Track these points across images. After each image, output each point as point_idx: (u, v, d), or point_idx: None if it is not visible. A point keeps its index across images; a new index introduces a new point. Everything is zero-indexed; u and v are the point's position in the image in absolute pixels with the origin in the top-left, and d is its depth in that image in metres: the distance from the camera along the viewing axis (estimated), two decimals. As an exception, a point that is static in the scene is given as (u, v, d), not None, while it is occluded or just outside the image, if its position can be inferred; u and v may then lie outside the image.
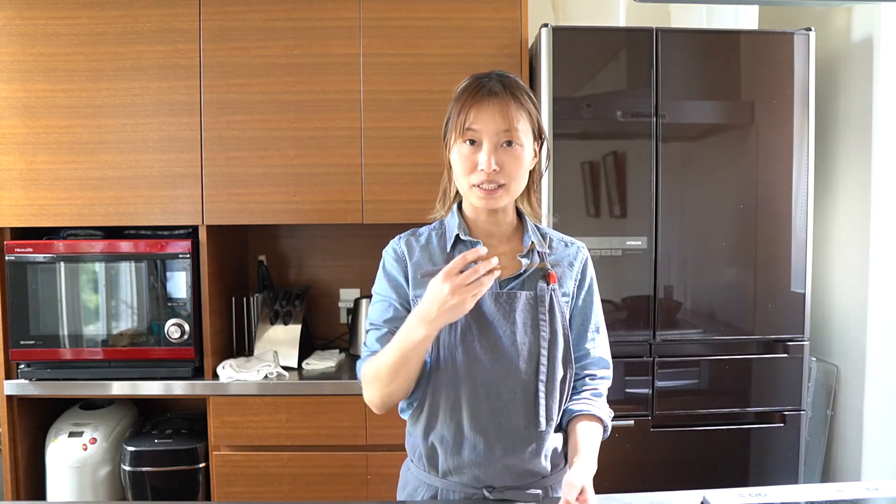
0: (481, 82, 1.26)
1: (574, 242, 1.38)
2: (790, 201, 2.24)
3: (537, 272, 1.29)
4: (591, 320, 1.35)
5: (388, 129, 2.28)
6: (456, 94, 1.28)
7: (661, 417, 2.24)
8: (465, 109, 1.24)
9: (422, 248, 1.32)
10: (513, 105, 1.23)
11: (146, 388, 2.26)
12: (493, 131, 1.22)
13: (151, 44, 2.23)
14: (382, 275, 1.33)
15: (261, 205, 2.29)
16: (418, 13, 2.27)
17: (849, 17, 2.38)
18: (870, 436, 2.29)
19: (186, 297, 2.26)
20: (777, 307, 2.26)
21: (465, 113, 1.23)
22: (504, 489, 1.25)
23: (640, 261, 2.21)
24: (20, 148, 2.25)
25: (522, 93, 1.27)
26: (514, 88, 1.25)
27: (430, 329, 1.13)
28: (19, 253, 2.23)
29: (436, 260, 1.30)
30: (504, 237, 1.33)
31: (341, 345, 2.67)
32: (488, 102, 1.23)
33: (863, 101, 2.31)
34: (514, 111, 1.23)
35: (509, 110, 1.23)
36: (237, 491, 2.24)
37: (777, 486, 1.32)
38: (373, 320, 1.31)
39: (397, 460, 1.41)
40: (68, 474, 2.24)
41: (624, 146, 2.22)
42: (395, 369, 1.20)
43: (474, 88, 1.25)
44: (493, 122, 1.22)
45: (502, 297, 1.26)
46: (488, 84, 1.25)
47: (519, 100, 1.25)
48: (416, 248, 1.32)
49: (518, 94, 1.25)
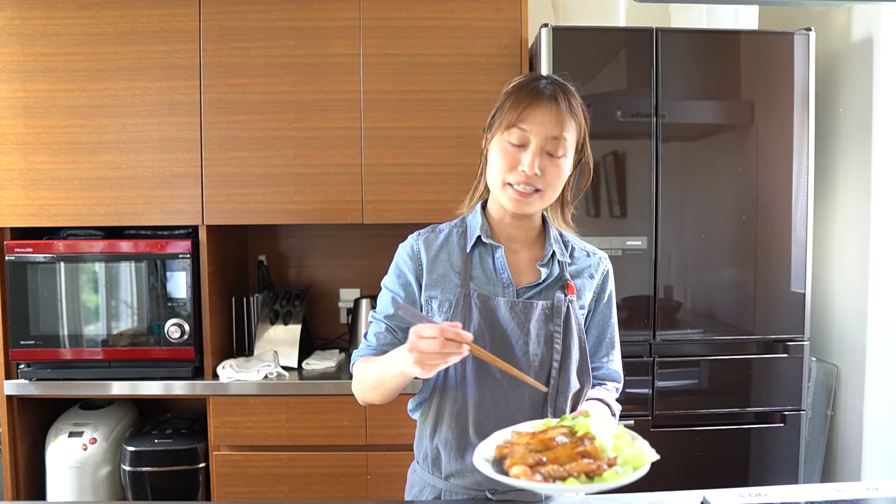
0: (540, 82, 1.23)
1: (596, 253, 1.36)
2: (790, 201, 2.24)
3: (555, 281, 1.28)
4: (607, 334, 1.35)
5: (388, 129, 2.28)
6: (509, 88, 1.25)
7: (661, 417, 2.24)
8: (520, 106, 1.20)
9: (441, 245, 1.30)
10: (567, 113, 1.21)
11: (146, 388, 2.25)
12: (543, 135, 1.20)
13: (151, 44, 2.23)
14: (394, 269, 1.32)
15: (261, 205, 2.29)
16: (418, 13, 2.27)
17: (849, 17, 2.38)
18: (870, 436, 2.29)
19: (186, 297, 2.26)
20: (777, 307, 2.26)
21: (519, 110, 1.20)
22: (507, 491, 1.25)
23: (640, 261, 2.21)
24: (20, 148, 2.25)
25: (578, 102, 1.24)
26: (570, 96, 1.23)
27: (405, 372, 1.12)
28: (19, 253, 2.23)
29: (454, 260, 1.28)
30: (526, 242, 1.31)
31: (341, 345, 2.67)
32: (545, 105, 1.20)
33: (863, 101, 2.31)
34: (568, 120, 1.21)
35: (562, 117, 1.20)
36: (237, 491, 2.24)
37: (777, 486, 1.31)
38: (375, 313, 1.32)
39: (397, 460, 1.41)
40: (68, 474, 2.24)
41: (624, 146, 2.22)
42: (374, 385, 1.23)
43: (532, 87, 1.22)
44: (544, 125, 1.20)
45: (518, 305, 1.24)
46: (549, 87, 1.22)
47: (573, 109, 1.23)
48: (434, 246, 1.30)
49: (574, 103, 1.23)
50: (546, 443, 1.02)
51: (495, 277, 1.27)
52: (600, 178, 2.21)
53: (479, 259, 1.28)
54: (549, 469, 0.97)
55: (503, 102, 1.25)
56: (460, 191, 1.41)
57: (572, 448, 1.00)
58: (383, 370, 1.18)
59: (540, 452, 1.00)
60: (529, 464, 0.98)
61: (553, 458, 0.99)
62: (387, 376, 1.18)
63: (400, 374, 1.14)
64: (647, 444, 1.03)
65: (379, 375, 1.20)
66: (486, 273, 1.27)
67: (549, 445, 1.02)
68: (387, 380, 1.18)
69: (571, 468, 0.96)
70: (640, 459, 0.99)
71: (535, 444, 1.02)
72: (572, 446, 1.00)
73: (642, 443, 1.03)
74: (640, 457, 1.00)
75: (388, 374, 1.17)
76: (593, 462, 0.97)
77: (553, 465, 0.97)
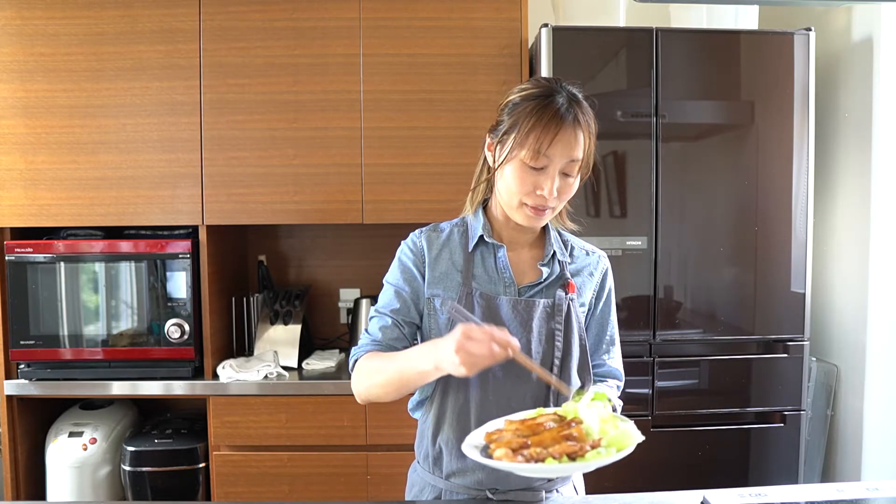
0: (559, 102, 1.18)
1: (595, 251, 1.37)
2: (790, 201, 2.24)
3: (556, 280, 1.29)
4: (606, 332, 1.35)
5: (388, 129, 2.28)
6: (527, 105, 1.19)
7: (661, 417, 2.24)
8: (544, 132, 1.16)
9: (443, 243, 1.30)
10: (583, 136, 1.20)
11: (146, 388, 2.25)
12: (564, 160, 1.19)
13: (151, 44, 2.23)
14: (397, 265, 1.32)
15: (261, 205, 2.29)
16: (418, 13, 2.27)
17: (849, 17, 2.38)
18: (870, 436, 2.29)
19: (186, 297, 2.26)
20: (777, 307, 2.26)
21: (542, 136, 1.16)
22: (507, 491, 1.25)
23: (640, 261, 2.21)
24: (20, 148, 2.25)
25: (592, 119, 1.23)
26: (588, 117, 1.21)
27: (435, 368, 1.10)
28: (19, 253, 2.23)
29: (456, 259, 1.28)
30: (527, 243, 1.32)
31: (341, 345, 2.67)
32: (566, 130, 1.17)
33: (863, 101, 2.31)
34: (584, 142, 1.20)
35: (580, 142, 1.19)
36: (237, 491, 2.24)
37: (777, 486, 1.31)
38: (379, 308, 1.30)
39: (397, 460, 1.41)
40: (68, 474, 2.24)
41: (624, 146, 2.22)
42: (390, 381, 1.19)
43: (555, 112, 1.17)
44: (566, 151, 1.18)
45: (520, 304, 1.25)
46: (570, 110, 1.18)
47: (590, 129, 1.22)
48: (437, 243, 1.30)
49: (590, 121, 1.22)
50: (534, 428, 1.04)
51: (497, 276, 1.28)
52: (600, 179, 2.21)
53: (480, 258, 1.29)
54: (532, 451, 0.98)
55: (521, 121, 1.19)
56: (460, 191, 1.41)
57: (558, 432, 1.01)
58: (407, 366, 1.15)
59: (527, 437, 1.02)
60: (514, 447, 0.99)
61: (538, 441, 1.00)
62: (411, 373, 1.15)
63: (433, 370, 1.11)
64: (633, 426, 1.04)
65: (399, 371, 1.17)
66: (487, 272, 1.28)
67: (537, 431, 1.03)
68: (411, 377, 1.15)
69: (554, 450, 0.98)
70: (625, 441, 1.00)
71: (523, 430, 1.04)
72: (558, 430, 1.01)
73: (628, 425, 1.03)
74: (625, 438, 1.01)
75: (414, 371, 1.14)
76: (576, 444, 0.98)
77: (536, 448, 0.99)
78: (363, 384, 1.24)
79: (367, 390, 1.24)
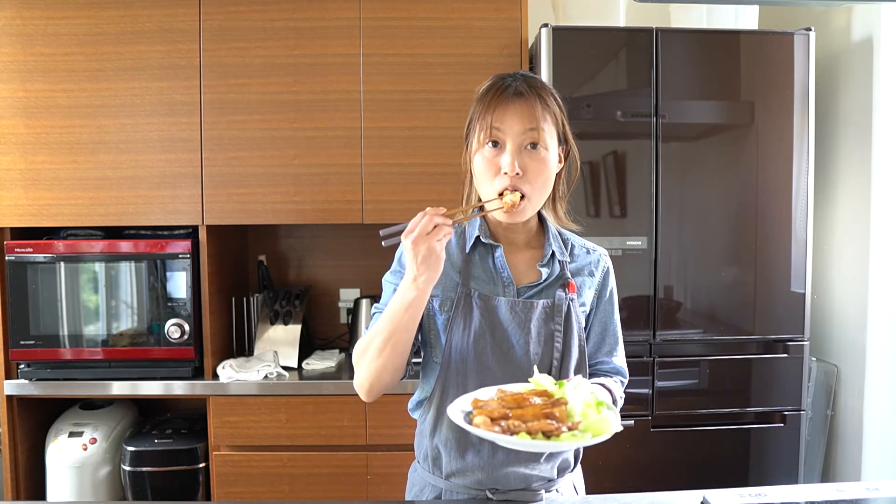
0: (505, 82, 1.22)
1: (596, 249, 1.36)
2: (790, 201, 2.24)
3: (556, 280, 1.28)
4: (609, 330, 1.35)
5: (388, 129, 2.28)
6: (478, 95, 1.25)
7: (661, 417, 2.24)
8: (489, 109, 1.20)
9: None
10: (539, 105, 1.20)
11: (146, 388, 2.25)
12: (518, 131, 1.19)
13: (151, 44, 2.23)
14: (397, 264, 1.32)
15: (261, 205, 2.29)
16: (418, 13, 2.27)
17: (849, 17, 2.39)
18: (870, 436, 2.29)
19: (186, 297, 2.26)
20: (777, 307, 2.26)
21: (489, 113, 1.20)
22: (507, 491, 1.25)
23: (640, 261, 2.21)
24: (20, 148, 2.25)
25: (548, 94, 1.23)
26: (539, 89, 1.22)
27: (418, 290, 1.11)
28: (19, 253, 2.23)
29: (454, 259, 1.28)
30: (525, 243, 1.32)
31: (341, 345, 2.67)
32: (514, 102, 1.19)
33: (863, 101, 2.31)
34: (541, 111, 1.20)
35: (535, 111, 1.19)
36: (237, 491, 2.24)
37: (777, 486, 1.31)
38: (379, 305, 1.30)
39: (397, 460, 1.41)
40: (68, 474, 2.24)
41: (624, 146, 2.22)
42: (385, 339, 1.17)
43: (498, 88, 1.21)
44: (517, 121, 1.19)
45: (519, 305, 1.24)
46: (513, 84, 1.22)
47: (545, 100, 1.21)
48: None
49: (544, 95, 1.22)
50: (519, 402, 1.05)
51: (496, 277, 1.27)
52: (600, 179, 2.21)
53: (478, 259, 1.29)
54: (510, 423, 1.00)
55: (473, 112, 1.24)
56: (460, 191, 1.41)
57: (541, 409, 1.02)
58: (391, 310, 1.16)
59: (510, 409, 1.03)
60: (494, 417, 1.01)
61: (519, 415, 1.01)
62: (398, 311, 1.14)
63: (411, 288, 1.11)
64: (615, 415, 1.05)
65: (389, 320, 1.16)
66: (486, 273, 1.28)
67: (522, 405, 1.04)
68: (400, 318, 1.14)
69: (532, 426, 0.99)
70: (602, 428, 1.02)
71: (508, 402, 1.05)
72: (541, 407, 1.02)
73: (610, 414, 1.04)
74: (603, 426, 1.02)
75: (400, 306, 1.14)
76: (554, 423, 0.99)
77: (515, 421, 1.00)
78: (363, 363, 1.23)
79: (367, 367, 1.22)
